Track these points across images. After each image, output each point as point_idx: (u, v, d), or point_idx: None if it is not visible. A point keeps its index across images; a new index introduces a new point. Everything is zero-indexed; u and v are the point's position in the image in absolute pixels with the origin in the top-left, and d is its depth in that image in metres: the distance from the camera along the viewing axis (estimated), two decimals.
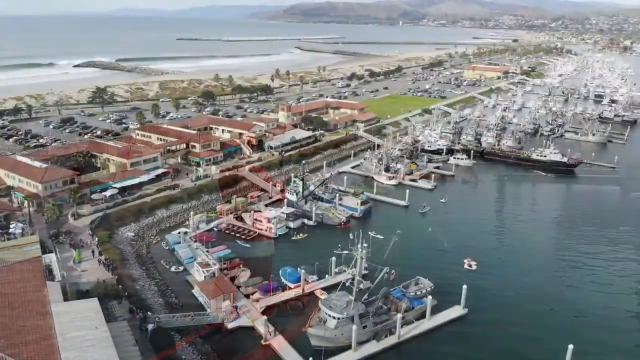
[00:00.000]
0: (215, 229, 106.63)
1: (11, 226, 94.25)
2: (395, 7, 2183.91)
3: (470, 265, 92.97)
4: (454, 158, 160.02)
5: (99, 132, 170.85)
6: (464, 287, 77.66)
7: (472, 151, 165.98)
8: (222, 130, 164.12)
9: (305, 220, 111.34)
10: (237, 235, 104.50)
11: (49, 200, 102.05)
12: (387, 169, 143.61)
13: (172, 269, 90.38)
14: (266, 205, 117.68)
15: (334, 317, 68.72)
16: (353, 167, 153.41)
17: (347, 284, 72.83)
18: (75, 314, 59.33)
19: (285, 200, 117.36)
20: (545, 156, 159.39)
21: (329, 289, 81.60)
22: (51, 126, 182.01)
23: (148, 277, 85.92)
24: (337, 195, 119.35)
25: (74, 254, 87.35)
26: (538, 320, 77.32)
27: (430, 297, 75.96)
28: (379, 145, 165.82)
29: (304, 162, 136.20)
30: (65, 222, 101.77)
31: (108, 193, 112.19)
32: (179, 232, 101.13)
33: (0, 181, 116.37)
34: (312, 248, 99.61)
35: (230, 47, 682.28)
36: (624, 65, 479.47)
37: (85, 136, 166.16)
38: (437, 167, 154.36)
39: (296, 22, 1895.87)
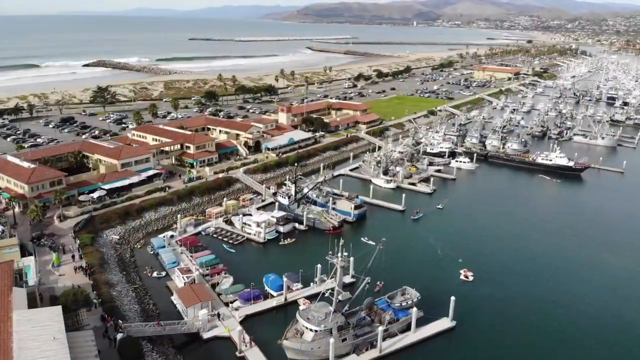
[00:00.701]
0: (202, 233, 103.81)
1: None
2: (409, 8, 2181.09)
3: (466, 276, 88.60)
4: (456, 161, 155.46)
5: (96, 132, 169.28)
6: (452, 298, 73.88)
7: (475, 154, 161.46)
8: (219, 131, 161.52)
9: (297, 225, 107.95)
10: (225, 239, 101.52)
11: (33, 202, 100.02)
12: (385, 172, 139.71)
13: (154, 274, 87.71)
14: (258, 209, 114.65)
15: (310, 330, 65.42)
16: (352, 170, 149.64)
17: (327, 294, 69.45)
18: (35, 323, 56.74)
19: (277, 203, 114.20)
20: (550, 160, 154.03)
21: (313, 298, 78.12)
22: (50, 125, 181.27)
23: (127, 283, 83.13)
24: (331, 198, 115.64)
25: (53, 257, 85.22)
26: (530, 334, 73.23)
27: (415, 308, 72.29)
28: (380, 148, 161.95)
29: (296, 164, 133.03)
30: (51, 224, 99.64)
31: (95, 194, 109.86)
32: (164, 236, 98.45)
33: None
34: (299, 254, 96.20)
35: (243, 48, 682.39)
36: (639, 67, 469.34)
37: (83, 136, 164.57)
38: (438, 171, 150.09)
39: (310, 23, 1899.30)
